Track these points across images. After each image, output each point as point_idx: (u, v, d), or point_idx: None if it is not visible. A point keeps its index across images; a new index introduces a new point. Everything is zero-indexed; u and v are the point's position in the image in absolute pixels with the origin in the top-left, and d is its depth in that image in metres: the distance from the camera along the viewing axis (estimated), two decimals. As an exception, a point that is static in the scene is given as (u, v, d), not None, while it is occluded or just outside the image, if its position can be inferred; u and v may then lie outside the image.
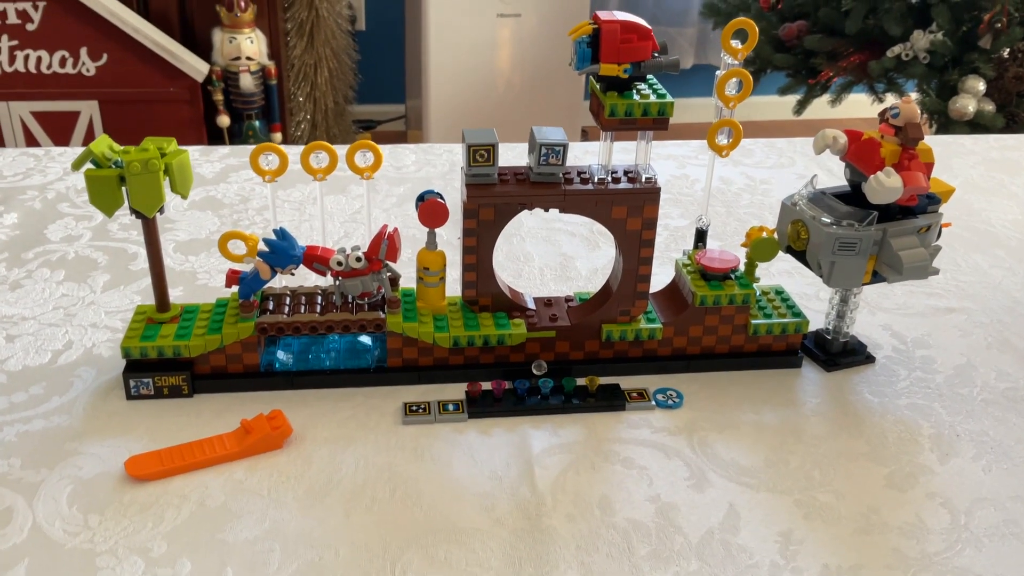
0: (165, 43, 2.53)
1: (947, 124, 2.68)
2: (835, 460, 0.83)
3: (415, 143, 1.48)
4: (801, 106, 2.99)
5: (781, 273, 1.12)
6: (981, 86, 2.60)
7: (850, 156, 0.88)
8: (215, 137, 2.75)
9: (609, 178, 0.87)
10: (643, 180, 0.87)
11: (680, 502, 0.77)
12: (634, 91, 0.83)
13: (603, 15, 0.81)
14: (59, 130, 2.59)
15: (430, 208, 0.86)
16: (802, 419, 0.88)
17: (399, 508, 0.75)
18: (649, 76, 0.85)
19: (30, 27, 2.47)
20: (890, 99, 2.80)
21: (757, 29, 0.86)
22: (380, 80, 3.55)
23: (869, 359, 0.97)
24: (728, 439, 0.85)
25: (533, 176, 0.86)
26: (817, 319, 1.00)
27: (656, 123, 0.84)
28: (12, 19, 2.46)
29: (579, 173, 0.87)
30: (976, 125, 2.63)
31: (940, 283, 1.12)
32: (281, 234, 0.85)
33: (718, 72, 0.88)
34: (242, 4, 2.65)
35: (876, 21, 2.70)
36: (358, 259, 0.85)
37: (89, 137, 2.59)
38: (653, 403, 0.89)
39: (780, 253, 0.93)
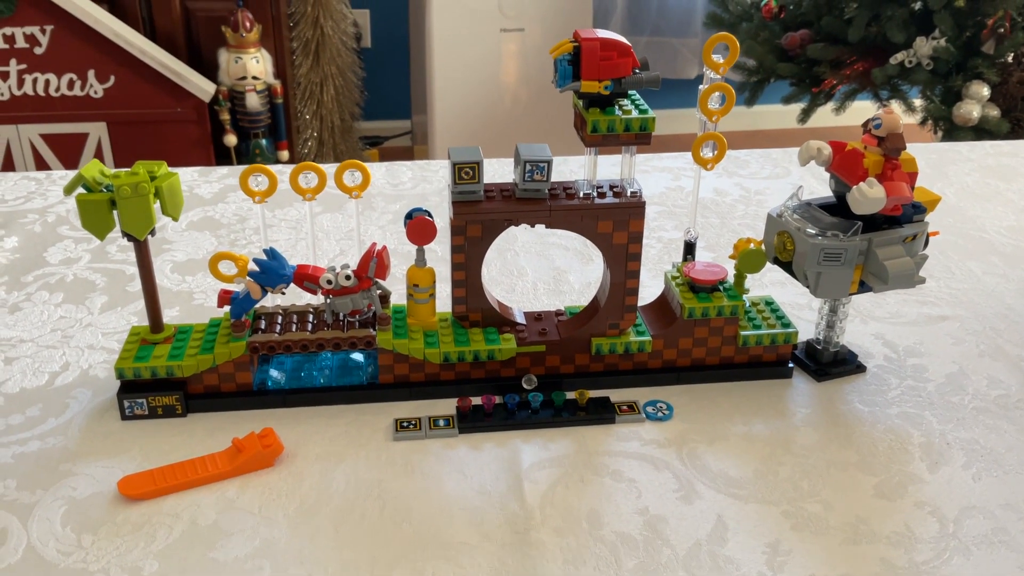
0: (172, 64, 2.56)
1: (952, 130, 2.68)
2: (824, 470, 0.83)
3: (422, 159, 1.49)
4: (805, 115, 2.99)
5: (774, 283, 1.12)
6: (985, 91, 2.59)
7: (834, 167, 0.88)
8: (222, 156, 2.77)
9: (594, 193, 0.87)
10: (628, 194, 0.87)
11: (668, 514, 0.78)
12: (616, 107, 0.84)
13: (584, 33, 0.82)
14: (68, 152, 2.61)
15: (418, 226, 0.87)
16: (792, 430, 0.88)
17: (388, 524, 0.76)
18: (631, 92, 0.86)
19: (38, 51, 2.50)
20: (895, 106, 2.79)
21: (738, 43, 0.86)
22: (386, 97, 3.58)
23: (860, 368, 0.97)
24: (718, 451, 0.85)
25: (519, 192, 0.86)
26: (809, 329, 1.00)
27: (639, 138, 0.84)
28: (20, 43, 2.49)
29: (565, 188, 0.88)
30: (981, 130, 2.62)
31: (933, 291, 1.12)
32: (271, 254, 0.86)
33: (701, 87, 0.88)
34: (247, 24, 2.68)
35: (879, 28, 2.70)
36: (347, 277, 0.86)
37: (98, 159, 2.61)
38: (643, 416, 0.89)
39: (770, 264, 0.93)
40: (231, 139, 2.75)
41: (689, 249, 0.98)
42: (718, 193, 1.38)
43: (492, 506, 0.78)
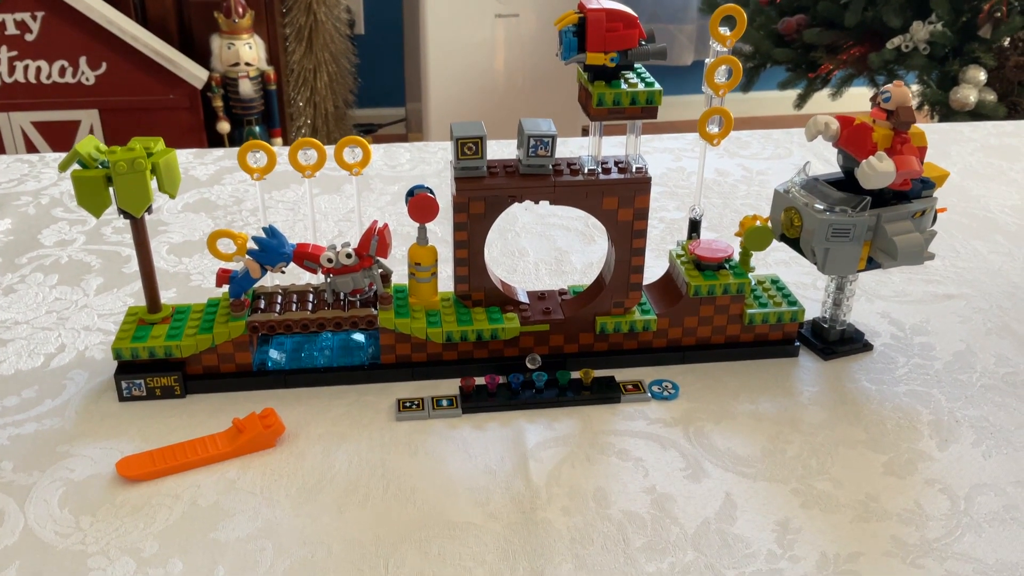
0: (164, 51, 2.53)
1: (948, 115, 2.67)
2: (833, 448, 0.82)
3: (414, 145, 1.47)
4: (802, 100, 2.98)
5: (778, 263, 1.11)
6: (982, 76, 2.59)
7: (842, 142, 0.87)
8: (216, 143, 2.75)
9: (599, 169, 0.86)
10: (633, 170, 0.86)
11: (676, 493, 0.77)
12: (622, 80, 0.83)
13: (589, 3, 0.80)
14: (60, 139, 2.59)
15: (420, 203, 0.86)
16: (799, 408, 0.87)
17: (392, 504, 0.75)
18: (637, 65, 0.84)
19: (29, 37, 2.48)
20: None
21: (745, 16, 0.85)
22: (380, 84, 3.56)
23: (867, 347, 0.96)
24: (725, 429, 0.84)
25: (523, 168, 0.85)
26: (814, 308, 0.99)
27: (645, 111, 0.83)
28: (11, 30, 2.46)
29: (569, 164, 0.87)
30: (978, 115, 2.62)
31: (939, 270, 1.11)
32: (271, 232, 0.85)
33: (707, 60, 0.87)
34: (240, 10, 2.65)
35: (875, 13, 2.69)
36: (348, 255, 0.85)
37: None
38: (648, 395, 0.88)
39: (775, 242, 0.92)
40: (224, 126, 2.73)
41: (694, 227, 0.97)
42: (720, 174, 1.36)
43: (497, 485, 0.77)
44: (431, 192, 0.86)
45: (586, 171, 0.86)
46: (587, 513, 0.74)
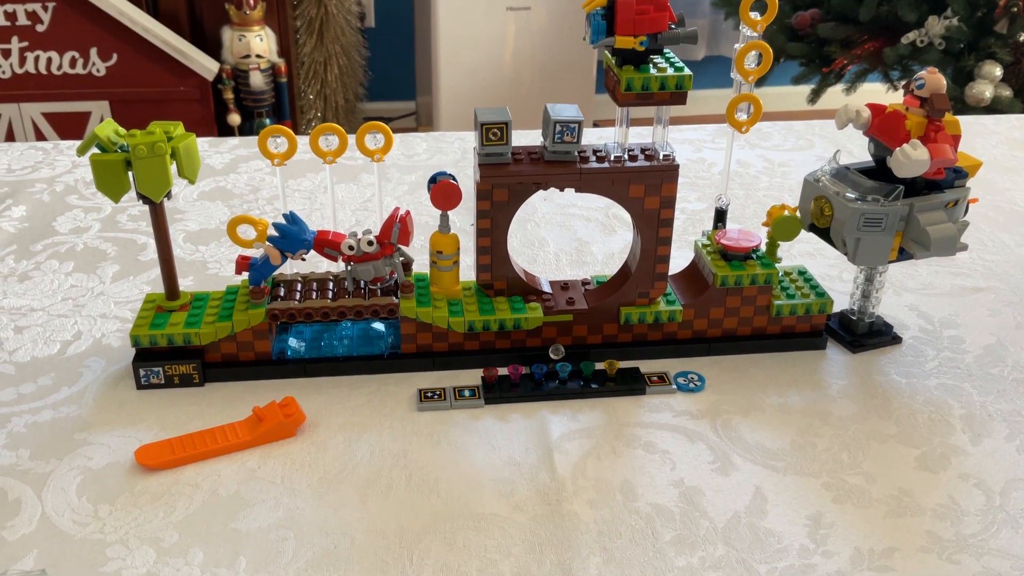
0: (175, 42, 2.52)
1: (964, 110, 2.64)
2: (864, 442, 0.80)
3: (426, 137, 1.45)
4: (815, 95, 2.95)
5: (803, 255, 1.09)
6: (998, 71, 2.56)
7: (874, 130, 0.85)
8: (226, 136, 2.74)
9: (626, 156, 0.84)
10: (660, 158, 0.84)
11: (705, 486, 0.75)
12: (651, 64, 0.81)
13: (618, -14, 0.78)
14: (70, 131, 2.58)
15: (443, 189, 0.84)
16: (829, 401, 0.85)
17: (416, 495, 0.73)
18: (666, 49, 0.83)
19: (40, 28, 2.47)
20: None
21: (777, 0, 0.83)
22: (390, 77, 3.54)
23: (896, 340, 0.94)
24: (752, 422, 0.83)
25: (548, 155, 0.83)
26: (841, 300, 0.98)
27: (674, 97, 0.81)
28: (22, 20, 2.45)
29: (595, 151, 0.85)
30: (993, 111, 2.59)
31: (967, 262, 1.09)
32: (291, 218, 0.83)
33: (736, 45, 0.85)
34: (251, 2, 2.64)
35: (890, 7, 2.67)
36: (370, 243, 0.83)
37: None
38: (674, 387, 0.86)
39: (802, 232, 0.91)
40: (235, 118, 2.72)
41: (720, 216, 0.95)
42: (742, 165, 1.35)
43: (522, 477, 0.76)
44: (453, 179, 0.85)
45: (612, 158, 0.84)
46: (614, 506, 0.73)
